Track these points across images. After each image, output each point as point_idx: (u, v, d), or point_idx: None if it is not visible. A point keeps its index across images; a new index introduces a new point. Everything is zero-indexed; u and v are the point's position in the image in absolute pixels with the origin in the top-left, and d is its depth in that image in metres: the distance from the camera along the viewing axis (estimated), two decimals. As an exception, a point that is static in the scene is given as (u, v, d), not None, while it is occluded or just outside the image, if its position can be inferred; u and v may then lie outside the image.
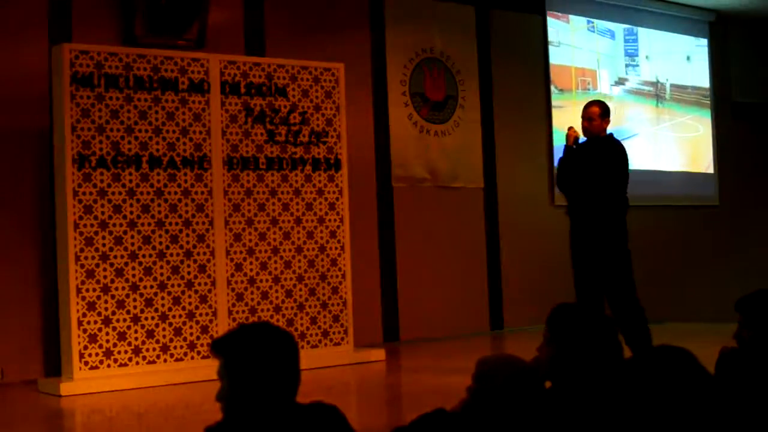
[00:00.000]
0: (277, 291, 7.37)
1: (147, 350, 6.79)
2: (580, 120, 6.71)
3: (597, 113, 6.61)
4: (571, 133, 6.79)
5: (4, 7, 7.13)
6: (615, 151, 6.67)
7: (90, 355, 6.56)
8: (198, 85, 7.13)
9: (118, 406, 6.20)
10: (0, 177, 7.07)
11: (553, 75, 10.62)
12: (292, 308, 7.43)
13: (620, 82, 11.44)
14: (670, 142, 11.95)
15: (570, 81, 10.83)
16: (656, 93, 11.76)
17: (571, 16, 10.92)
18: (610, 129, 6.74)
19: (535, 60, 10.52)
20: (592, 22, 11.19)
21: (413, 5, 9.39)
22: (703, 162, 12.30)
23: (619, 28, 11.48)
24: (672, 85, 12.01)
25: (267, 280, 7.33)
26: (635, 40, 11.65)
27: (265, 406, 2.44)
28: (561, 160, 6.87)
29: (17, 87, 7.12)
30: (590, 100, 7.02)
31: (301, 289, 7.47)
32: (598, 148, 6.62)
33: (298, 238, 7.49)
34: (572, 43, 10.91)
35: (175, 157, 7.00)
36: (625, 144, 6.88)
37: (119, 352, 6.68)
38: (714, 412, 2.30)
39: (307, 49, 8.38)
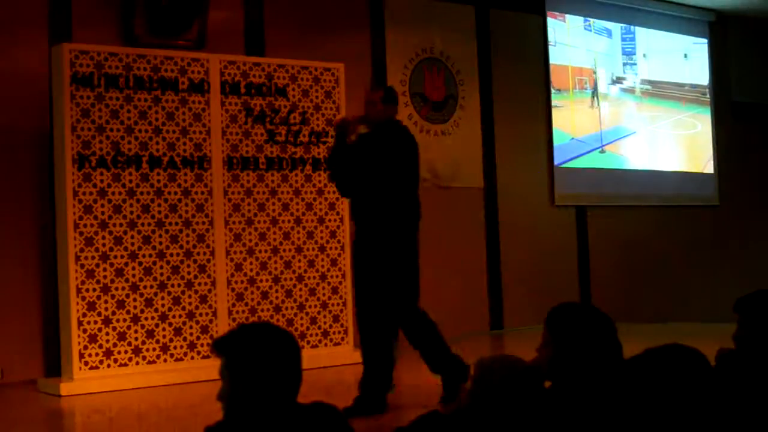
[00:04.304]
0: (277, 291, 7.37)
1: (147, 350, 6.79)
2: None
3: (380, 97, 5.55)
4: (338, 120, 5.71)
5: (4, 7, 7.13)
6: (399, 140, 5.49)
7: (90, 355, 6.56)
8: (198, 85, 7.13)
9: (118, 406, 6.20)
10: (0, 177, 7.07)
11: (550, 75, 10.61)
12: (292, 308, 7.43)
13: (618, 81, 11.43)
14: (668, 141, 11.93)
15: (567, 81, 10.81)
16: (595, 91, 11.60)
17: (567, 16, 10.91)
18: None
19: (534, 60, 10.51)
20: (589, 21, 11.17)
21: (413, 5, 9.39)
22: (702, 160, 12.29)
23: (616, 26, 11.46)
24: (669, 83, 12.00)
25: (267, 280, 7.33)
26: (633, 39, 11.64)
27: (266, 406, 2.44)
28: (332, 149, 5.76)
29: (17, 87, 7.12)
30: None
31: (301, 289, 7.48)
32: (379, 137, 5.49)
33: (298, 238, 7.49)
34: (569, 42, 10.90)
35: (175, 157, 7.00)
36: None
37: (119, 352, 6.68)
38: (717, 412, 2.30)
39: (307, 49, 8.37)
